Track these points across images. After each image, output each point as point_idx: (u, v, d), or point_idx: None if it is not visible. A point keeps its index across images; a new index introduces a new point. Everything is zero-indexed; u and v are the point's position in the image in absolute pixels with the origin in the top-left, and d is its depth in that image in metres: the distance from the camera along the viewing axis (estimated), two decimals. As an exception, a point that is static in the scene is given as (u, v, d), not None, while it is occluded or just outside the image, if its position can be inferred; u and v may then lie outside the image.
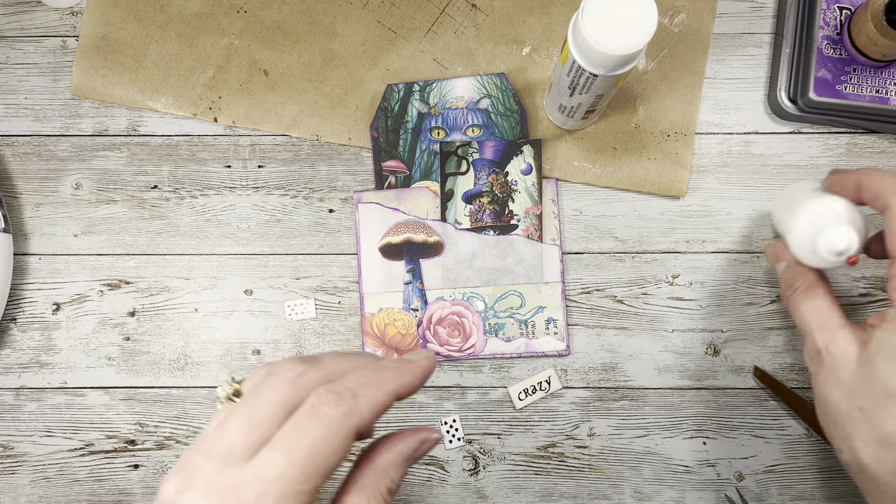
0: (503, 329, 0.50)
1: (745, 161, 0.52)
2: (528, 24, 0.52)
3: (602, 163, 0.51)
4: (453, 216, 0.51)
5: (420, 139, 0.52)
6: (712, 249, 0.51)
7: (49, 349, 0.51)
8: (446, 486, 0.50)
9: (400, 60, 0.52)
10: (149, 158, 0.52)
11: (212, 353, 0.51)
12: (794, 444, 0.50)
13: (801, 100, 0.50)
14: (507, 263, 0.51)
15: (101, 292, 0.52)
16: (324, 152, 0.52)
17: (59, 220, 0.52)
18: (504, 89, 0.52)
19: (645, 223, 0.51)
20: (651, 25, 0.39)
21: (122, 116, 0.53)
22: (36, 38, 0.53)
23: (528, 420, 0.50)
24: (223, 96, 0.52)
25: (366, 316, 0.51)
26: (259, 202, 0.52)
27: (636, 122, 0.51)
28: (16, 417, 0.51)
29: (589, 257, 0.51)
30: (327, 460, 0.28)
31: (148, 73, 0.52)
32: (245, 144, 0.52)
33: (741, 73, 0.52)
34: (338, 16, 0.53)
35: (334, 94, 0.52)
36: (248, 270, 0.52)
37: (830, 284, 0.40)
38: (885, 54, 0.47)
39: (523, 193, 0.51)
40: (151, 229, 0.52)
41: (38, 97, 0.53)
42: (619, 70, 0.41)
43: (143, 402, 0.51)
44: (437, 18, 0.53)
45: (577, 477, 0.50)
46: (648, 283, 0.51)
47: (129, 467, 0.50)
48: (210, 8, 0.53)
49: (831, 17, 0.49)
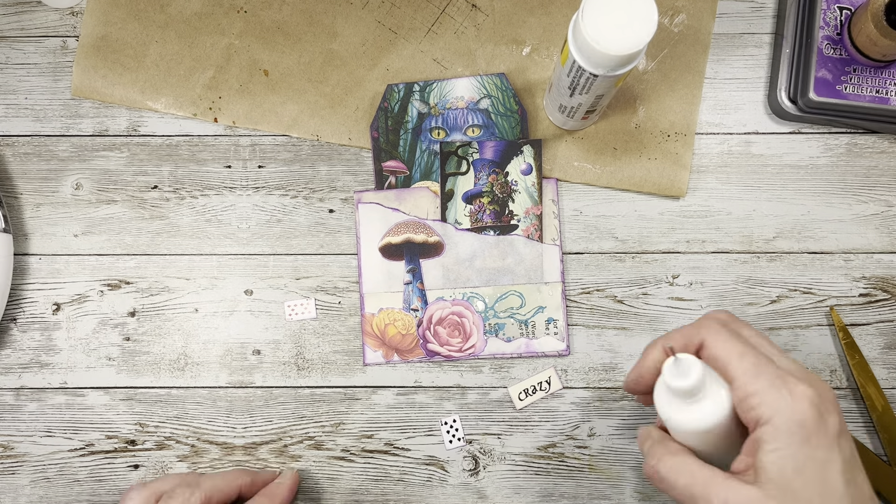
0: (503, 329, 0.50)
1: (745, 161, 0.52)
2: (529, 24, 0.52)
3: (602, 163, 0.51)
4: (453, 216, 0.51)
5: (420, 139, 0.52)
6: (712, 249, 0.51)
7: (49, 349, 0.51)
8: (446, 486, 0.50)
9: (400, 60, 0.52)
10: (149, 158, 0.52)
11: (212, 353, 0.51)
12: (794, 444, 0.50)
13: (802, 100, 0.50)
14: (508, 263, 0.51)
15: (102, 292, 0.52)
16: (324, 152, 0.52)
17: (59, 220, 0.52)
18: (504, 89, 0.52)
19: (645, 223, 0.51)
20: (651, 25, 0.39)
21: (123, 116, 0.53)
22: (36, 39, 0.53)
23: (528, 420, 0.50)
24: (223, 96, 0.52)
25: (366, 316, 0.51)
26: (259, 202, 0.52)
27: (636, 123, 0.51)
28: (16, 417, 0.51)
29: (589, 257, 0.51)
30: None
31: (148, 73, 0.52)
32: (245, 144, 0.52)
33: (741, 73, 0.52)
34: (338, 16, 0.53)
35: (334, 95, 0.52)
36: (248, 270, 0.52)
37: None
38: (886, 54, 0.47)
39: (523, 193, 0.51)
40: (152, 229, 0.52)
41: (38, 97, 0.53)
42: (619, 70, 0.41)
43: (144, 403, 0.51)
44: (438, 18, 0.53)
45: (577, 477, 0.50)
46: (648, 283, 0.51)
47: (130, 467, 0.50)
48: (210, 8, 0.53)
49: (831, 17, 0.49)
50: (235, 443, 0.50)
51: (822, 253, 0.51)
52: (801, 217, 0.51)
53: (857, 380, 0.49)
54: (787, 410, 0.33)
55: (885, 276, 0.51)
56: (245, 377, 0.51)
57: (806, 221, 0.51)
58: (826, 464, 0.34)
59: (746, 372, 0.34)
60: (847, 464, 0.34)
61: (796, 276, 0.51)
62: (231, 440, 0.50)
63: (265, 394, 0.51)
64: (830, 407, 0.34)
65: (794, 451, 0.33)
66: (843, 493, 0.34)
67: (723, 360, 0.35)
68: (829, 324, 0.51)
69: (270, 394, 0.51)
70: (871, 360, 0.50)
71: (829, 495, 0.34)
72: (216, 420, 0.50)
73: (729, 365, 0.35)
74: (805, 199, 0.51)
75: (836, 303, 0.51)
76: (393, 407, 0.50)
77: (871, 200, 0.51)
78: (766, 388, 0.34)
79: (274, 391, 0.51)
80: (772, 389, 0.34)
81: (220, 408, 0.51)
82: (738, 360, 0.35)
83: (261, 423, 0.50)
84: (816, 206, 0.51)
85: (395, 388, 0.51)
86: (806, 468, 0.33)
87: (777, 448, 0.34)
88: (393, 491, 0.50)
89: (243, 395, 0.51)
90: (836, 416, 0.34)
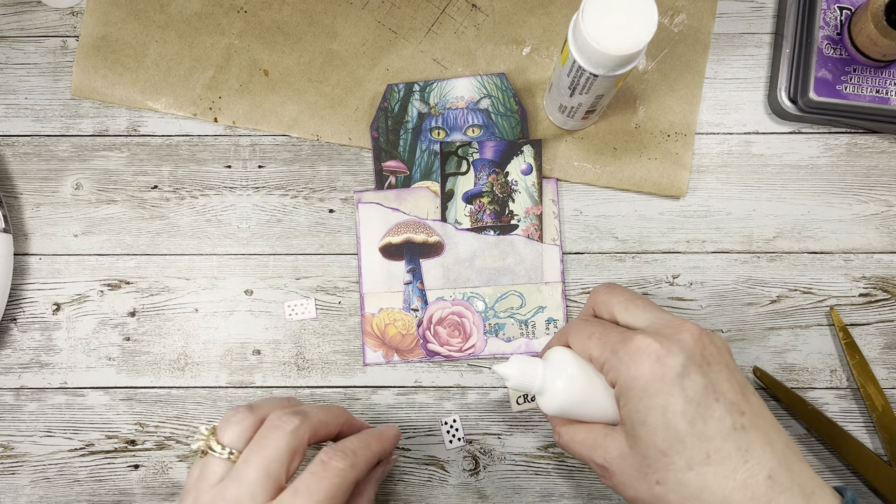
0: (503, 329, 0.50)
1: (745, 161, 0.52)
2: (529, 24, 0.52)
3: (602, 163, 0.51)
4: (453, 216, 0.51)
5: (420, 139, 0.52)
6: (712, 249, 0.51)
7: (49, 349, 0.51)
8: (446, 486, 0.50)
9: (400, 60, 0.52)
10: (149, 158, 0.52)
11: (212, 353, 0.51)
12: (794, 444, 0.50)
13: (802, 100, 0.50)
14: (508, 263, 0.51)
15: (102, 292, 0.52)
16: (324, 152, 0.52)
17: (59, 220, 0.52)
18: (504, 89, 0.52)
19: (645, 223, 0.51)
20: (651, 25, 0.39)
21: (122, 116, 0.53)
22: (36, 39, 0.53)
23: (528, 420, 0.50)
24: (223, 96, 0.52)
25: (366, 316, 0.51)
26: (259, 202, 0.52)
27: (636, 122, 0.51)
28: (16, 418, 0.51)
29: (589, 257, 0.51)
30: (337, 502, 0.37)
31: (148, 73, 0.52)
32: (245, 144, 0.52)
33: (741, 73, 0.52)
34: (338, 16, 0.53)
35: (334, 94, 0.52)
36: (248, 270, 0.52)
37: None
38: (886, 54, 0.47)
39: (523, 193, 0.51)
40: (151, 229, 0.52)
41: (38, 97, 0.53)
42: (619, 70, 0.41)
43: (144, 403, 0.51)
44: (438, 18, 0.53)
45: (577, 477, 0.50)
46: (649, 283, 0.51)
47: (130, 467, 0.50)
48: (210, 8, 0.53)
49: (831, 17, 0.49)
50: (235, 443, 0.50)
51: (822, 253, 0.51)
52: (801, 217, 0.51)
53: (857, 380, 0.49)
54: (625, 368, 0.36)
55: (885, 276, 0.51)
56: (245, 377, 0.51)
57: (806, 221, 0.51)
58: (665, 408, 0.35)
59: (594, 347, 0.38)
60: (691, 402, 0.35)
61: (796, 276, 0.51)
62: (231, 440, 0.50)
63: (265, 394, 0.51)
64: (674, 350, 0.36)
65: (636, 403, 0.36)
66: (685, 433, 0.35)
67: (578, 346, 0.39)
68: (829, 324, 0.51)
69: (270, 394, 0.51)
70: (871, 360, 0.50)
71: (672, 438, 0.35)
72: (216, 420, 0.50)
73: (583, 348, 0.39)
74: (805, 199, 0.51)
75: (836, 303, 0.51)
76: (393, 407, 0.50)
77: (871, 200, 0.51)
78: (609, 355, 0.37)
79: (274, 391, 0.51)
80: (612, 355, 0.37)
81: (221, 408, 0.51)
82: (587, 340, 0.39)
83: (261, 423, 0.50)
84: (816, 206, 0.51)
85: (395, 388, 0.51)
86: (648, 417, 0.35)
87: (625, 403, 0.37)
88: (393, 491, 0.50)
89: (243, 395, 0.51)
90: (678, 359, 0.36)
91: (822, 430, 0.48)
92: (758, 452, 0.35)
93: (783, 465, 0.35)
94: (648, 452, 0.36)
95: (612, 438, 0.38)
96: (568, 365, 0.40)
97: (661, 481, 0.35)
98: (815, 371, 0.50)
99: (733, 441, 0.35)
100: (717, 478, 0.34)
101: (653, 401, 0.35)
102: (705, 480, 0.34)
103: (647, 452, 0.36)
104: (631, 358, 0.36)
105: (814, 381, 0.50)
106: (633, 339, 0.37)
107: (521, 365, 0.40)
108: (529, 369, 0.40)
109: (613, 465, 0.38)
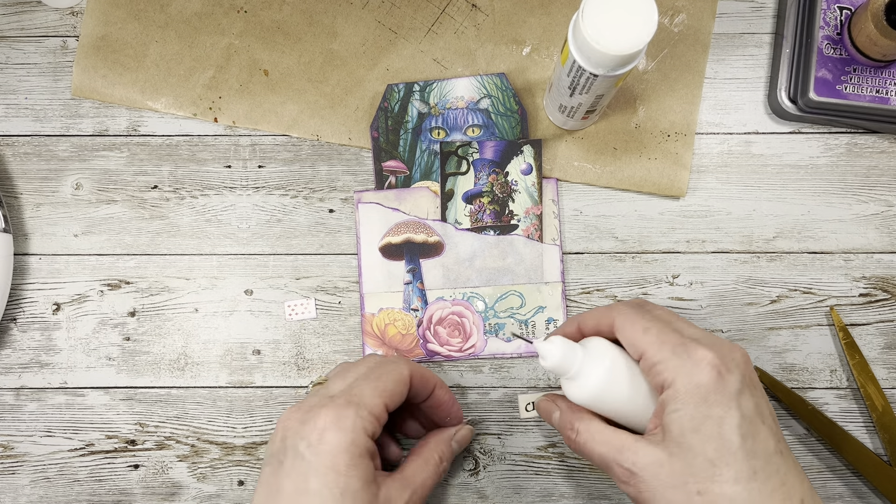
0: (503, 329, 0.50)
1: (745, 161, 0.52)
2: (528, 24, 0.52)
3: (602, 163, 0.51)
4: (453, 216, 0.51)
5: (420, 139, 0.52)
6: (712, 249, 0.51)
7: (49, 349, 0.51)
8: (446, 486, 0.50)
9: (400, 60, 0.52)
10: (149, 158, 0.52)
11: (212, 353, 0.51)
12: (794, 444, 0.50)
13: (802, 100, 0.50)
14: (508, 263, 0.51)
15: (102, 292, 0.52)
16: (324, 152, 0.52)
17: (59, 220, 0.52)
18: (504, 89, 0.52)
19: (645, 223, 0.51)
20: (651, 25, 0.39)
21: (122, 116, 0.53)
22: (36, 38, 0.53)
23: (528, 420, 0.50)
24: (223, 96, 0.52)
25: (366, 316, 0.51)
26: (259, 202, 0.52)
27: (636, 122, 0.51)
28: (16, 417, 0.51)
29: (589, 257, 0.51)
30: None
31: (148, 73, 0.52)
32: (245, 144, 0.52)
33: (741, 73, 0.52)
34: (338, 16, 0.53)
35: (334, 94, 0.52)
36: (248, 270, 0.52)
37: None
38: (886, 54, 0.47)
39: (523, 193, 0.51)
40: (151, 229, 0.52)
41: (38, 97, 0.53)
42: (619, 70, 0.41)
43: (144, 402, 0.51)
44: (438, 18, 0.53)
45: (577, 477, 0.50)
46: (649, 283, 0.51)
47: (130, 467, 0.50)
48: (210, 8, 0.53)
49: (831, 17, 0.49)
50: (235, 443, 0.50)
51: (822, 253, 0.51)
52: (801, 217, 0.51)
53: (857, 380, 0.49)
54: (686, 374, 0.36)
55: (885, 276, 0.51)
56: (245, 377, 0.51)
57: (806, 221, 0.51)
58: (722, 420, 0.36)
59: (651, 344, 0.38)
60: (745, 419, 0.36)
61: (796, 276, 0.51)
62: (231, 440, 0.50)
63: (265, 394, 0.51)
64: (732, 367, 0.37)
65: (692, 411, 0.36)
66: (738, 447, 0.35)
67: (630, 336, 0.39)
68: (829, 324, 0.51)
69: (270, 394, 0.51)
70: (871, 360, 0.50)
71: (724, 449, 0.35)
72: (216, 420, 0.50)
73: (636, 340, 0.38)
74: (805, 199, 0.51)
75: (836, 303, 0.51)
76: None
77: (871, 200, 0.51)
78: (668, 356, 0.37)
79: (274, 391, 0.51)
80: (673, 356, 0.37)
81: (220, 408, 0.51)
82: (643, 334, 0.38)
83: (261, 422, 0.50)
84: (816, 205, 0.51)
85: (395, 388, 0.51)
86: (703, 426, 0.36)
87: (677, 409, 0.36)
88: (393, 491, 0.50)
89: (243, 394, 0.51)
90: (736, 376, 0.36)
91: (822, 430, 0.48)
92: (792, 478, 0.36)
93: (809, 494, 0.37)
94: (695, 461, 0.35)
95: (645, 444, 0.37)
96: (608, 356, 0.39)
97: (702, 492, 0.35)
98: (815, 371, 0.50)
99: (774, 464, 0.36)
100: (761, 496, 0.35)
101: (711, 410, 0.36)
102: (750, 496, 0.35)
103: (694, 461, 0.36)
104: (695, 364, 0.36)
105: (814, 381, 0.50)
106: (697, 347, 0.37)
107: (564, 345, 0.39)
108: (570, 351, 0.39)
109: (644, 472, 0.37)
